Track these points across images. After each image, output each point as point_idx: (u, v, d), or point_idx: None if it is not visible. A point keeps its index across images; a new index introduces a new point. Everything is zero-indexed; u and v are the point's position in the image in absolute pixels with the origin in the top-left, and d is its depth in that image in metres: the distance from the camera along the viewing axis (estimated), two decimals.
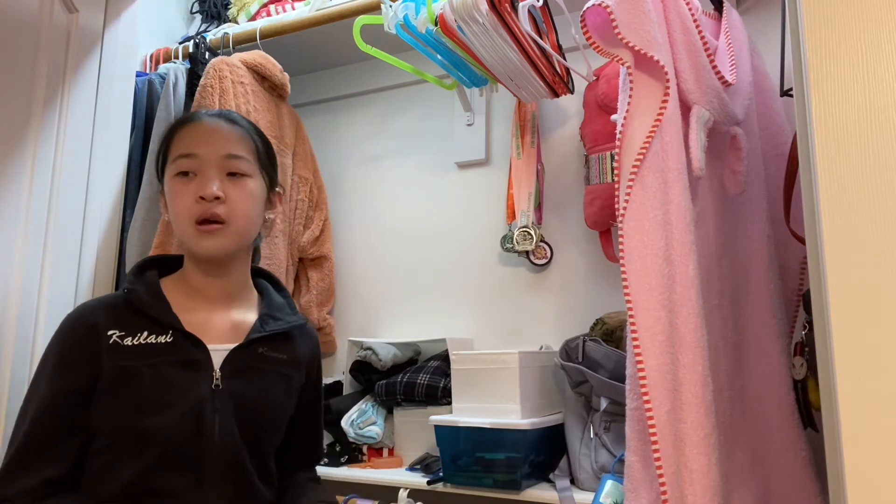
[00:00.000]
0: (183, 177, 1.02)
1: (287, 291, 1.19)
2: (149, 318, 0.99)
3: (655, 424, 0.92)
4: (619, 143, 1.02)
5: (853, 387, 0.62)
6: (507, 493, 1.31)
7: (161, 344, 0.98)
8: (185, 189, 1.01)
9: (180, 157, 1.02)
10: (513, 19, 1.34)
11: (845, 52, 0.68)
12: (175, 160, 1.02)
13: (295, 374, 1.11)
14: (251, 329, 1.06)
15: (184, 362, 0.98)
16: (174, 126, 1.08)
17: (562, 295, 1.68)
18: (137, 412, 0.94)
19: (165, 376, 0.96)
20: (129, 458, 0.93)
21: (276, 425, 1.07)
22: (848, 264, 0.64)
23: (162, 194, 1.09)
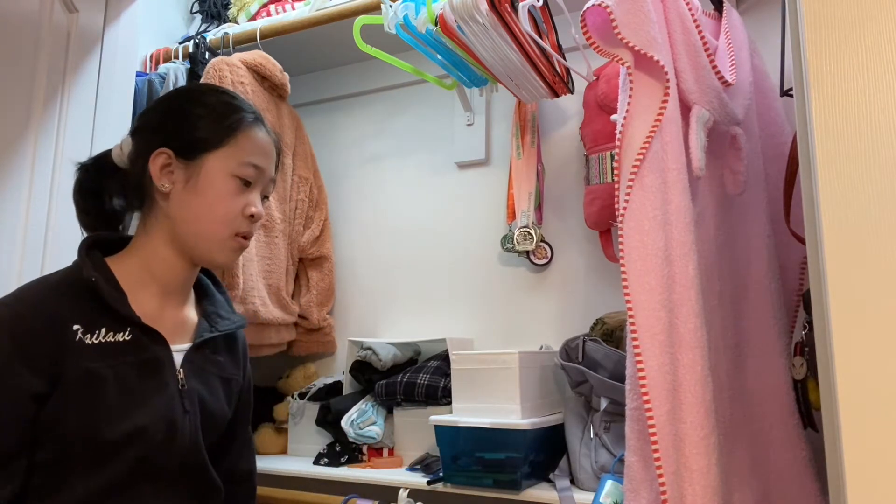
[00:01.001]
0: (242, 184, 0.94)
1: (224, 287, 1.11)
2: (108, 312, 0.87)
3: (655, 424, 0.92)
4: (619, 143, 1.02)
5: (853, 387, 0.62)
6: (507, 493, 1.31)
7: (120, 343, 0.87)
8: (239, 197, 0.94)
9: (251, 164, 0.95)
10: (513, 19, 1.34)
11: (845, 52, 0.68)
12: (244, 164, 0.94)
13: (234, 378, 1.03)
14: (199, 328, 0.98)
15: (145, 362, 0.88)
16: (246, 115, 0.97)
17: (562, 295, 1.68)
18: (101, 420, 0.83)
19: (128, 380, 0.86)
20: (88, 469, 0.83)
21: (217, 431, 1.00)
22: (848, 264, 0.64)
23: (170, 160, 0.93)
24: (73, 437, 0.83)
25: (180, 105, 0.97)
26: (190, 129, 0.94)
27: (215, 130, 0.94)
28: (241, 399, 1.07)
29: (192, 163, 0.93)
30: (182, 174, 0.93)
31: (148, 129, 0.97)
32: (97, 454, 0.83)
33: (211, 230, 0.93)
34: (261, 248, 1.65)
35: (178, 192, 0.93)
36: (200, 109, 0.95)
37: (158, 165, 0.93)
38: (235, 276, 1.48)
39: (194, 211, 0.93)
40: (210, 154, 0.93)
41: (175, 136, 0.94)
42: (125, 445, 0.84)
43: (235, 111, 0.97)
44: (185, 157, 0.93)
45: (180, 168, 0.93)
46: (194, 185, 0.92)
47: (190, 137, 0.94)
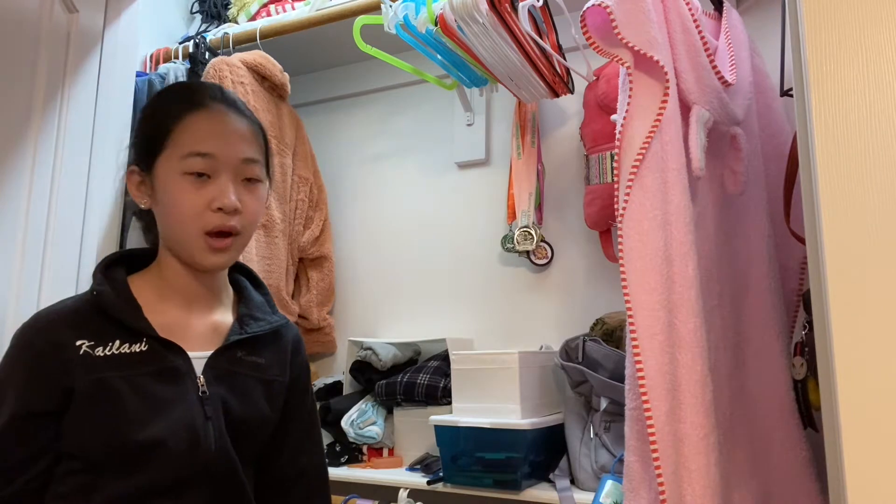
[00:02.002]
0: (195, 178, 0.89)
1: (266, 288, 1.09)
2: (119, 325, 0.88)
3: (654, 424, 0.92)
4: (618, 143, 1.02)
5: (853, 387, 0.62)
6: (507, 493, 1.31)
7: (135, 353, 0.87)
8: (197, 194, 0.89)
9: (194, 154, 0.89)
10: (513, 19, 1.34)
11: (845, 52, 0.68)
12: (186, 157, 0.89)
13: (277, 379, 1.00)
14: (230, 331, 0.97)
15: (163, 371, 0.88)
16: (179, 107, 0.92)
17: (562, 295, 1.68)
18: (122, 429, 0.84)
19: (146, 389, 0.86)
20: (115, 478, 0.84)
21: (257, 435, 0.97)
22: (848, 264, 0.64)
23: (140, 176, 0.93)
24: (94, 445, 0.84)
25: (142, 116, 0.97)
26: (139, 139, 0.94)
27: (154, 133, 0.92)
28: (291, 397, 1.03)
29: (149, 174, 0.92)
30: (148, 187, 0.93)
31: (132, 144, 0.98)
32: (122, 462, 0.84)
33: (180, 235, 0.91)
34: (261, 248, 1.65)
35: (154, 205, 0.94)
36: (143, 116, 0.96)
37: (134, 184, 0.94)
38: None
39: (164, 220, 0.93)
40: (158, 158, 0.91)
41: (135, 149, 0.95)
42: (148, 453, 0.85)
43: (168, 105, 0.94)
44: (145, 169, 0.93)
45: (146, 181, 0.93)
46: (158, 194, 0.92)
47: (140, 149, 0.93)
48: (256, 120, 1.00)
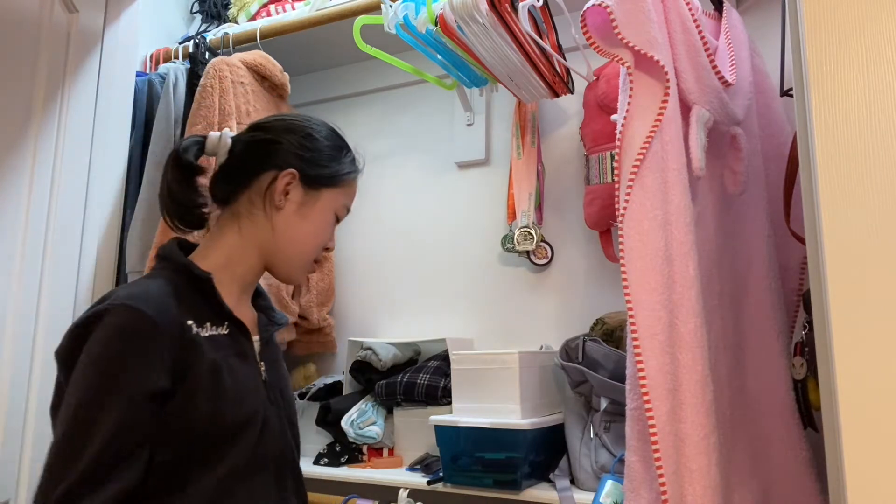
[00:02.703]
0: (335, 221, 1.06)
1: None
2: (210, 308, 0.91)
3: (655, 424, 0.92)
4: (619, 143, 1.02)
5: (853, 387, 0.62)
6: (507, 493, 1.31)
7: (222, 336, 0.91)
8: (328, 232, 1.05)
9: (347, 207, 1.08)
10: (513, 19, 1.34)
11: (845, 52, 0.68)
12: (344, 206, 1.07)
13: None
14: (260, 322, 1.03)
15: (239, 354, 0.92)
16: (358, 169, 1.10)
17: (562, 295, 1.68)
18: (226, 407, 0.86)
19: (234, 371, 0.89)
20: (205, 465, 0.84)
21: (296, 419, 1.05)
22: (848, 264, 0.64)
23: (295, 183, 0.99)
24: (200, 427, 0.84)
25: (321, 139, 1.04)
26: (323, 164, 1.02)
27: (339, 172, 1.04)
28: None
29: (311, 192, 1.01)
30: (298, 197, 1.00)
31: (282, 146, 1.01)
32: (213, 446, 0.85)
33: (302, 253, 1.02)
34: None
35: (289, 211, 0.99)
36: (335, 151, 1.05)
37: (284, 183, 0.99)
38: None
39: (297, 233, 1.00)
40: (327, 189, 1.02)
41: (308, 164, 1.01)
42: (241, 433, 0.87)
43: (355, 160, 1.09)
44: (307, 184, 1.01)
45: (298, 191, 1.00)
46: (306, 211, 1.01)
47: (319, 171, 1.02)
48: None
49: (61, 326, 1.37)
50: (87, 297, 1.44)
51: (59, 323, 1.37)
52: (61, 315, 1.38)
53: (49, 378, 1.33)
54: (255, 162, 1.00)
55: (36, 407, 1.30)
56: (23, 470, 1.27)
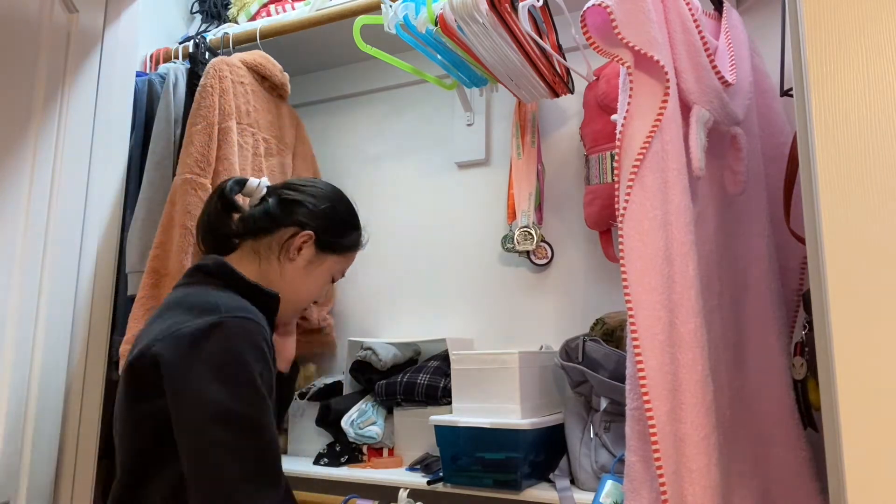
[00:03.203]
0: (329, 282, 1.21)
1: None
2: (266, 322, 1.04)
3: (655, 424, 0.92)
4: (619, 143, 1.02)
5: (853, 387, 0.62)
6: (507, 493, 1.31)
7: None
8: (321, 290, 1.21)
9: (342, 272, 1.24)
10: (513, 19, 1.34)
11: (845, 52, 0.68)
12: (341, 272, 1.23)
13: None
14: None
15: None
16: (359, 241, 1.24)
17: (562, 295, 1.68)
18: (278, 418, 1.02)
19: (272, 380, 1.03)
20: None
21: None
22: (848, 264, 0.64)
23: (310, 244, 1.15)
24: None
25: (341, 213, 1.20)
26: (339, 235, 1.19)
27: (347, 244, 1.21)
28: None
29: (320, 254, 1.17)
30: (309, 255, 1.15)
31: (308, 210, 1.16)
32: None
33: (299, 301, 1.17)
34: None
35: (298, 265, 1.15)
36: (347, 227, 1.21)
37: (300, 242, 1.14)
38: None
39: (298, 285, 1.15)
40: (332, 256, 1.19)
41: (324, 231, 1.16)
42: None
43: (360, 233, 1.24)
44: (319, 247, 1.16)
45: (310, 251, 1.16)
46: (310, 270, 1.16)
47: (334, 241, 1.18)
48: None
49: (61, 327, 1.38)
50: (87, 297, 1.44)
51: (59, 323, 1.37)
52: (61, 315, 1.38)
53: (49, 378, 1.34)
54: (282, 215, 1.14)
55: (36, 407, 1.30)
56: (23, 470, 1.27)
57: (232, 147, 1.54)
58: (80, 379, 1.42)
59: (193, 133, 1.49)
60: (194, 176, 1.46)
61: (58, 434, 1.37)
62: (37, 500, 1.30)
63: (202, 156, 1.48)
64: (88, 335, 1.44)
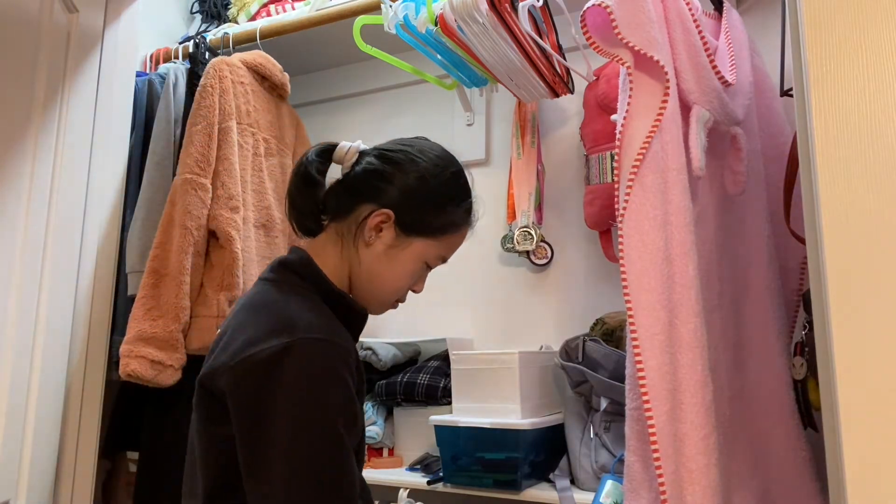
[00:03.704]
0: (425, 269, 1.00)
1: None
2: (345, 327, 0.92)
3: (655, 424, 0.92)
4: (619, 143, 1.02)
5: (853, 387, 0.62)
6: (507, 493, 1.31)
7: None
8: (414, 279, 0.99)
9: (442, 258, 1.00)
10: (513, 19, 1.34)
11: (845, 52, 0.68)
12: (438, 257, 0.99)
13: None
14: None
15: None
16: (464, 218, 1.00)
17: (562, 295, 1.68)
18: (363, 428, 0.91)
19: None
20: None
21: None
22: (848, 264, 0.64)
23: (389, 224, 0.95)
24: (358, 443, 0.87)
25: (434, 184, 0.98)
26: (429, 213, 0.97)
27: (439, 224, 0.97)
28: None
29: (404, 236, 0.96)
30: (389, 238, 0.95)
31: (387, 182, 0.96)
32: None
33: (383, 293, 0.99)
34: (261, 247, 1.65)
35: (378, 250, 0.96)
36: (444, 201, 0.98)
37: (376, 221, 0.94)
38: (235, 276, 1.48)
39: (381, 273, 0.97)
40: (421, 239, 0.96)
41: (407, 209, 0.95)
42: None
43: (464, 212, 1.00)
44: (401, 228, 0.95)
45: (391, 233, 0.95)
46: (395, 254, 0.96)
47: (416, 220, 0.96)
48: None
49: (61, 327, 1.38)
50: (87, 297, 1.44)
51: (58, 323, 1.37)
52: (61, 315, 1.38)
53: (49, 378, 1.34)
54: (362, 190, 0.96)
55: (36, 407, 1.30)
56: (23, 470, 1.27)
57: (232, 147, 1.54)
58: (80, 379, 1.42)
59: (193, 133, 1.49)
60: (194, 176, 1.46)
61: (58, 434, 1.36)
62: (37, 500, 1.30)
63: (202, 156, 1.48)
64: (88, 335, 1.44)
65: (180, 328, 1.40)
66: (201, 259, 1.47)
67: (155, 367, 1.36)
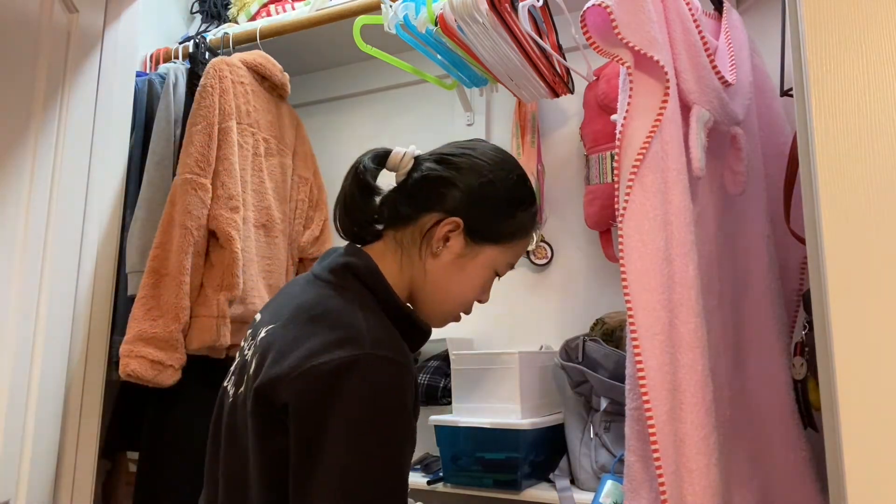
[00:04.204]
0: (494, 276, 0.96)
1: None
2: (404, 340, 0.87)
3: (655, 424, 0.92)
4: (619, 143, 1.02)
5: (853, 387, 0.62)
6: (507, 493, 1.31)
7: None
8: (484, 287, 0.96)
9: (511, 265, 0.97)
10: (513, 19, 1.34)
11: (845, 52, 0.68)
12: (506, 265, 0.96)
13: None
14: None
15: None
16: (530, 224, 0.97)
17: (562, 295, 1.68)
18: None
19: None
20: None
21: None
22: (848, 264, 0.64)
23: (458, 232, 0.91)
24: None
25: (501, 189, 0.93)
26: (493, 219, 0.93)
27: (507, 232, 0.94)
28: None
29: (473, 245, 0.92)
30: (458, 247, 0.91)
31: (453, 190, 0.92)
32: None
33: (449, 304, 0.95)
34: (261, 248, 1.65)
35: (446, 260, 0.92)
36: (511, 206, 0.94)
37: (445, 230, 0.91)
38: (235, 276, 1.48)
39: (448, 284, 0.93)
40: (491, 246, 0.93)
41: (477, 216, 0.91)
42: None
43: (530, 217, 0.97)
44: (470, 236, 0.91)
45: (459, 242, 0.91)
46: (463, 264, 0.92)
47: (491, 227, 0.93)
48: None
49: (61, 326, 1.38)
50: (87, 297, 1.44)
51: (59, 323, 1.37)
52: (61, 315, 1.38)
53: (49, 378, 1.34)
54: (424, 198, 0.92)
55: (36, 407, 1.30)
56: (23, 470, 1.27)
57: (232, 147, 1.54)
58: (80, 379, 1.42)
59: (193, 133, 1.49)
60: (194, 176, 1.46)
61: (58, 434, 1.36)
62: (37, 500, 1.30)
63: (202, 156, 1.48)
64: (88, 335, 1.44)
65: (180, 328, 1.40)
66: (201, 259, 1.47)
67: (155, 367, 1.36)
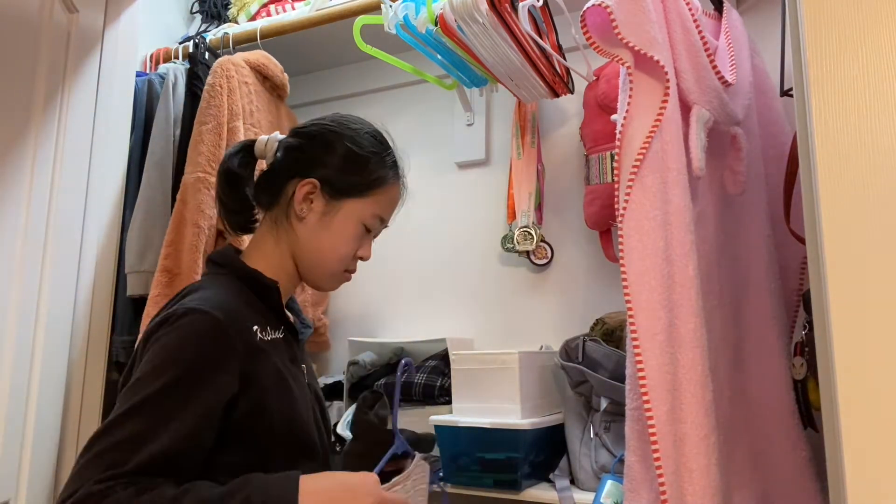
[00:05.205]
0: (364, 231, 1.01)
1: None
2: (271, 313, 0.95)
3: (655, 424, 0.92)
4: (618, 143, 1.02)
5: (853, 387, 0.62)
6: (507, 493, 1.31)
7: (278, 340, 0.93)
8: (358, 243, 1.01)
9: (378, 217, 1.02)
10: (513, 19, 1.34)
11: (845, 52, 0.68)
12: (372, 217, 1.01)
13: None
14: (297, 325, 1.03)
15: (293, 359, 0.96)
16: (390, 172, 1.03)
17: (562, 295, 1.68)
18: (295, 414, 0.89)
19: (294, 375, 0.93)
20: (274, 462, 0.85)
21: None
22: (848, 264, 0.64)
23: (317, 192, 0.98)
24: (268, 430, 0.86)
25: (344, 148, 1.00)
26: (344, 174, 0.99)
27: (364, 182, 1.00)
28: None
29: (333, 201, 0.98)
30: (320, 206, 0.98)
31: (306, 154, 1.00)
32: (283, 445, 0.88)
33: (328, 264, 1.00)
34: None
35: (312, 221, 0.98)
36: (359, 158, 1.00)
37: (303, 193, 0.97)
38: None
39: (320, 243, 0.99)
40: (351, 200, 0.99)
41: (330, 176, 0.98)
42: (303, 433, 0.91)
43: (387, 168, 1.02)
44: (329, 194, 0.98)
45: (321, 201, 0.98)
46: (328, 221, 0.98)
47: (341, 182, 0.99)
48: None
49: (61, 326, 1.38)
50: (87, 297, 1.44)
51: (59, 323, 1.37)
52: (61, 315, 1.38)
53: (49, 378, 1.34)
54: (285, 169, 0.99)
55: (36, 407, 1.30)
56: (23, 470, 1.27)
57: None
58: (80, 379, 1.42)
59: (203, 132, 1.50)
60: (206, 174, 1.47)
61: (58, 434, 1.37)
62: (37, 500, 1.30)
63: (213, 154, 1.49)
64: (88, 335, 1.44)
65: None
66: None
67: None
